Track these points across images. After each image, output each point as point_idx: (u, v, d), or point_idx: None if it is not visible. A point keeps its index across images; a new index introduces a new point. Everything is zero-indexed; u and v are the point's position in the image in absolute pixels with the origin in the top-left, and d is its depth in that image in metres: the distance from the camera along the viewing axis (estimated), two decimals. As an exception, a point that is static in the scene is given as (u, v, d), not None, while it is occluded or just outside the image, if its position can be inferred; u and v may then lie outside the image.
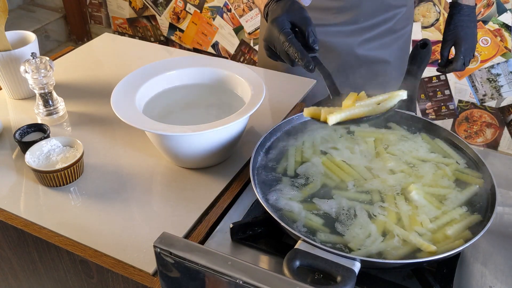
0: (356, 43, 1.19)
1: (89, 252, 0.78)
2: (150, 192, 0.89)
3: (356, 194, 0.78)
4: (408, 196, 0.77)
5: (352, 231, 0.72)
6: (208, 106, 1.01)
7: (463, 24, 1.14)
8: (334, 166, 0.84)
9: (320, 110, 0.81)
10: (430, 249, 0.68)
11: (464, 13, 1.14)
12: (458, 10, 1.15)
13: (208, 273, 0.59)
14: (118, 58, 1.33)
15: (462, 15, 1.14)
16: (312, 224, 0.73)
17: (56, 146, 0.91)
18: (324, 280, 0.65)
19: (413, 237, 0.70)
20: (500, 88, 2.19)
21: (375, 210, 0.75)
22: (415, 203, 0.76)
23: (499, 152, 2.29)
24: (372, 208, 0.76)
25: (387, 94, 0.81)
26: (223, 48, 2.77)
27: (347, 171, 0.83)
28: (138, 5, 2.93)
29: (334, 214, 0.75)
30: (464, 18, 1.14)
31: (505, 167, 0.94)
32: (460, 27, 1.14)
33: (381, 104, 0.80)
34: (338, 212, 0.75)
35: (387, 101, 0.80)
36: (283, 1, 0.84)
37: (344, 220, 0.74)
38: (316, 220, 0.74)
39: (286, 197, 0.78)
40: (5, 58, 1.07)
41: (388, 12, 1.18)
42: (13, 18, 3.05)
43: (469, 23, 1.15)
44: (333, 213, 0.75)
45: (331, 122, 0.77)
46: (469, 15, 1.15)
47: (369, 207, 0.76)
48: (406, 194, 0.78)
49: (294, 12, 0.81)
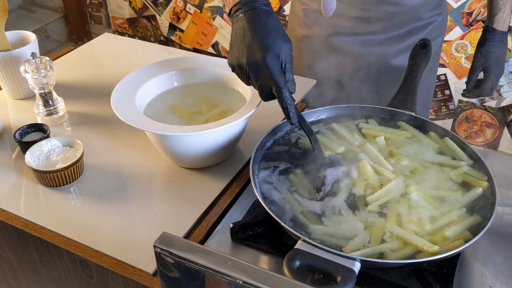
0: (391, 54, 1.15)
1: (89, 252, 0.78)
2: (150, 192, 0.89)
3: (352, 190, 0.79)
4: (409, 198, 0.77)
5: (342, 227, 0.73)
6: (210, 106, 1.01)
7: (496, 50, 1.12)
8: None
9: None
10: (433, 249, 0.68)
11: (498, 39, 1.12)
12: (492, 35, 1.12)
13: (208, 273, 0.59)
14: (118, 58, 1.33)
15: (495, 40, 1.12)
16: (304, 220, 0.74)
17: (56, 146, 0.91)
18: (324, 280, 0.65)
19: (414, 238, 0.70)
20: (500, 88, 2.19)
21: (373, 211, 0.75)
22: (415, 204, 0.76)
23: (499, 152, 2.29)
24: (371, 208, 0.76)
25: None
26: (223, 48, 2.77)
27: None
28: (138, 5, 2.93)
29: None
30: (497, 44, 1.12)
31: (505, 167, 0.94)
32: (493, 53, 1.12)
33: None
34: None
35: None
36: (268, 14, 0.76)
37: (330, 216, 0.75)
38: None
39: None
40: (5, 58, 1.07)
41: (421, 21, 1.14)
42: (13, 18, 3.05)
43: (502, 49, 1.13)
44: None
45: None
46: (502, 41, 1.13)
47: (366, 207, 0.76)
48: (408, 195, 0.78)
49: (285, 47, 0.76)
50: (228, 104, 0.99)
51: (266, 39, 0.74)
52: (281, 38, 0.75)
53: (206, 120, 0.95)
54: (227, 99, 1.00)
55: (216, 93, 1.02)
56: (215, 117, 0.95)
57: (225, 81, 1.01)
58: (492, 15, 1.12)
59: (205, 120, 0.95)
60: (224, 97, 1.01)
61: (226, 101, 1.00)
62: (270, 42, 0.74)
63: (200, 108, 0.99)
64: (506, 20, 1.12)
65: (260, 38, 0.74)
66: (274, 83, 0.76)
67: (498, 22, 1.11)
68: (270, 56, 0.74)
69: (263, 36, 0.75)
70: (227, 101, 1.00)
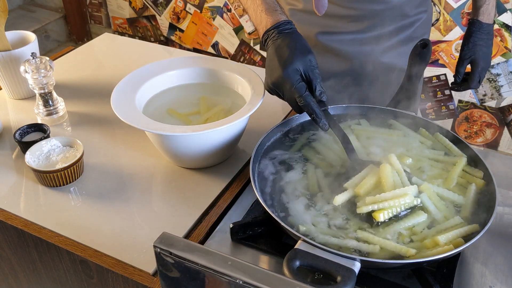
0: (379, 52, 1.16)
1: (89, 252, 0.78)
2: (150, 192, 0.89)
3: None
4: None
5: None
6: (208, 106, 1.01)
7: (482, 42, 1.13)
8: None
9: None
10: (410, 253, 0.67)
11: (484, 31, 1.12)
12: (478, 28, 1.13)
13: (208, 273, 0.59)
14: (118, 58, 1.33)
15: (481, 33, 1.12)
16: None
17: (56, 146, 0.91)
18: (324, 280, 0.65)
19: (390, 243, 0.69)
20: (500, 88, 2.19)
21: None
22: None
23: (499, 152, 2.29)
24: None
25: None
26: (223, 48, 2.77)
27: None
28: (138, 5, 2.93)
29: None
30: (483, 37, 1.13)
31: (505, 167, 0.94)
32: (479, 46, 1.12)
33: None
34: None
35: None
36: (288, 35, 0.83)
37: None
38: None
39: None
40: (5, 58, 1.07)
41: (407, 19, 1.15)
42: (13, 18, 3.05)
43: (488, 41, 1.13)
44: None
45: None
46: (488, 33, 1.13)
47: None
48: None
49: (304, 59, 0.80)
50: (227, 104, 0.99)
51: (284, 57, 0.81)
52: (299, 52, 0.81)
53: (205, 120, 0.95)
54: (227, 99, 1.00)
55: (216, 93, 1.02)
56: (215, 117, 0.95)
57: (225, 81, 1.01)
58: (477, 8, 1.13)
59: (205, 120, 0.95)
60: (224, 97, 1.01)
61: (226, 101, 1.00)
62: (288, 58, 0.80)
63: (199, 108, 0.99)
64: (491, 12, 1.13)
65: (279, 57, 0.81)
66: (296, 93, 0.79)
67: (483, 15, 1.12)
68: (288, 70, 0.80)
69: (282, 55, 0.81)
70: (227, 101, 1.00)
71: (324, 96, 0.81)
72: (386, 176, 0.77)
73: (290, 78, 0.79)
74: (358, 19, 1.12)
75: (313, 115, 0.80)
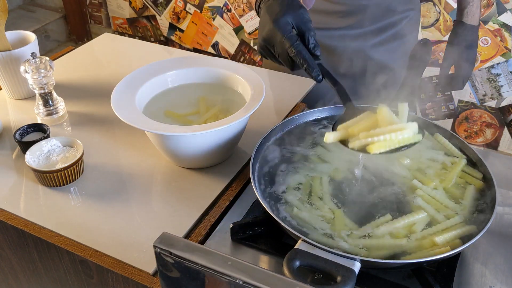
0: (367, 48, 1.16)
1: (89, 252, 0.78)
2: (150, 192, 0.89)
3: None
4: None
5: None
6: (208, 106, 1.01)
7: (466, 44, 1.13)
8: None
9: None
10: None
11: (468, 33, 1.13)
12: (462, 29, 1.13)
13: (208, 273, 0.59)
14: (118, 58, 1.33)
15: (465, 34, 1.13)
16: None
17: (56, 146, 0.91)
18: (324, 280, 0.65)
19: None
20: (500, 88, 2.19)
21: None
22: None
23: (499, 152, 2.29)
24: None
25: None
26: (223, 48, 2.77)
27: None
28: (138, 5, 2.93)
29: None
30: (467, 38, 1.13)
31: (505, 167, 0.94)
32: (464, 47, 1.13)
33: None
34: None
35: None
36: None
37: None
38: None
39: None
40: (5, 58, 1.07)
41: (395, 16, 1.16)
42: (13, 18, 3.05)
43: (472, 42, 1.14)
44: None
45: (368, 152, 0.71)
46: (472, 35, 1.14)
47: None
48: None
49: (295, 13, 0.78)
50: (227, 104, 0.99)
51: (275, 12, 0.78)
52: (290, 6, 0.78)
53: (205, 120, 0.95)
54: (227, 99, 1.00)
55: (216, 93, 1.02)
56: (215, 117, 0.95)
57: (225, 81, 1.01)
58: (461, 9, 1.14)
59: (205, 120, 0.95)
60: (224, 97, 1.01)
61: (226, 101, 1.00)
62: (279, 11, 0.78)
63: (199, 108, 0.99)
64: (476, 14, 1.13)
65: (270, 13, 0.78)
66: (287, 43, 0.76)
67: (467, 16, 1.13)
68: (278, 21, 0.77)
69: (273, 11, 0.78)
70: (227, 101, 1.00)
71: (317, 50, 0.78)
72: (384, 116, 0.73)
73: (281, 29, 0.76)
74: (347, 14, 1.13)
75: (305, 65, 0.77)
